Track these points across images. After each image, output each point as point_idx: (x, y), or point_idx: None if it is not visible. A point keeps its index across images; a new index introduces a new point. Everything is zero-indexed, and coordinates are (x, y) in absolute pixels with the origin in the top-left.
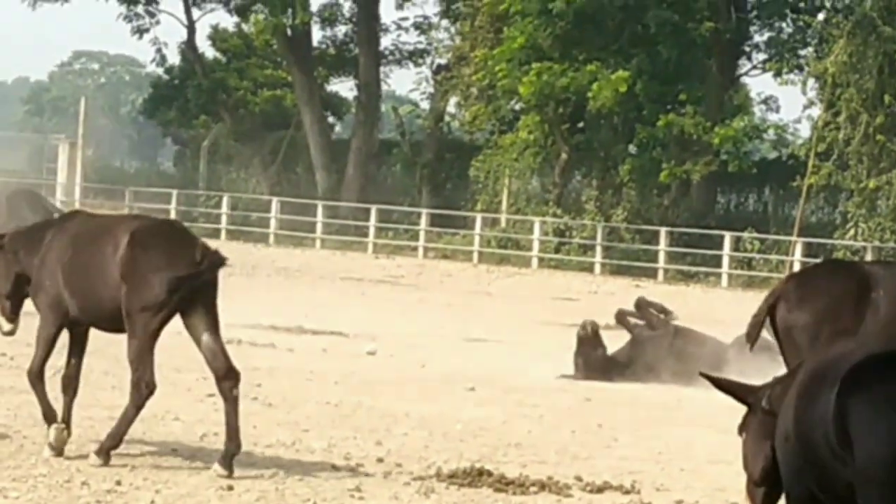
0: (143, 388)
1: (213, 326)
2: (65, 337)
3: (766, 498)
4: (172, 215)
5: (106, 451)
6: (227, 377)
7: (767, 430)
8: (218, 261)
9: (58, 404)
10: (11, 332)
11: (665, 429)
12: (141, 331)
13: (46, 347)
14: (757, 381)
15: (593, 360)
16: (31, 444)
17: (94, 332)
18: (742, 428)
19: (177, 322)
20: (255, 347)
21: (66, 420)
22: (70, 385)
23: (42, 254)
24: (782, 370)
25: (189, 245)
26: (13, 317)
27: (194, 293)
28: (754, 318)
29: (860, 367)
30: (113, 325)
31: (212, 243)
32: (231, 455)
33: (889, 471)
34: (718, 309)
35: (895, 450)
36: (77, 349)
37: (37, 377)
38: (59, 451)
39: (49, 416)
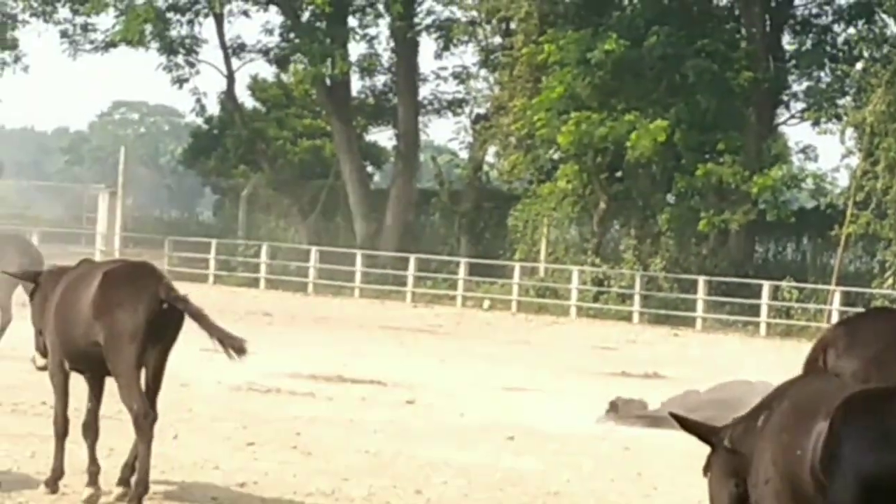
0: (142, 421)
1: (160, 368)
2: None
3: None
4: (211, 265)
5: (138, 498)
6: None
7: (731, 469)
8: (186, 304)
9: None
10: (45, 367)
11: (704, 478)
12: (121, 365)
13: (62, 395)
14: None
15: (628, 409)
16: (72, 493)
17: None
18: (706, 468)
19: (217, 371)
20: (295, 396)
21: (91, 463)
22: (90, 429)
23: (51, 298)
24: None
25: (154, 282)
26: (47, 352)
27: (157, 330)
28: (805, 366)
29: (855, 398)
30: (88, 364)
31: (251, 292)
32: (140, 496)
33: (867, 497)
34: (756, 358)
35: (878, 477)
36: (94, 393)
37: (61, 428)
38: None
39: (57, 472)
